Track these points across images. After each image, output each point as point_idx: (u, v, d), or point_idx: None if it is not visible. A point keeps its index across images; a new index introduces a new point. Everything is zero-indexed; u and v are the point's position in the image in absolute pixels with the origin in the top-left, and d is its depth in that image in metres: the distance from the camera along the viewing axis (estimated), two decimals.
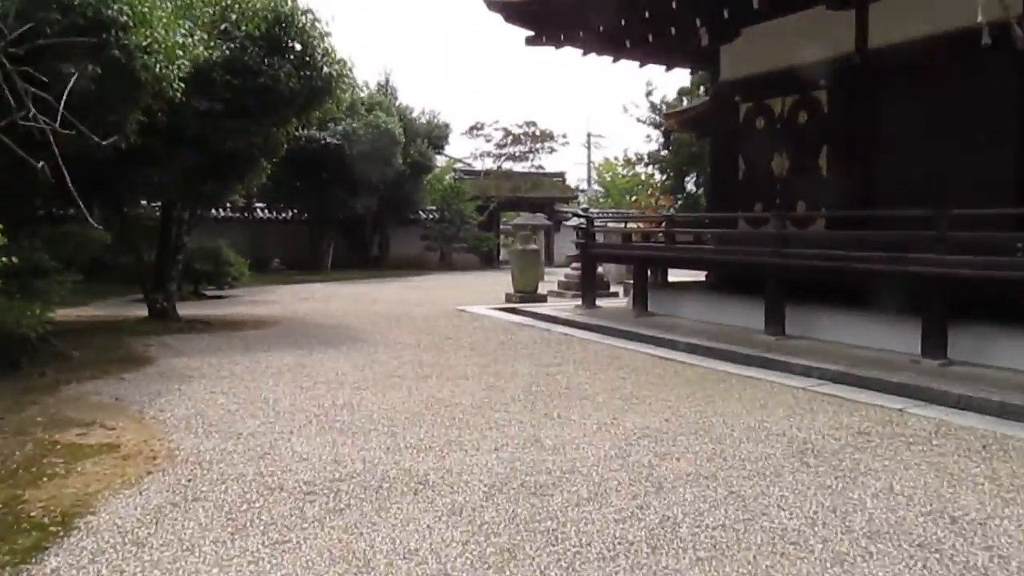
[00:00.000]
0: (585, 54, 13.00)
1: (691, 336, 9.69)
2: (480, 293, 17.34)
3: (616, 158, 44.33)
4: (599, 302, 13.25)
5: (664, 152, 33.27)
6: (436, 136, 26.52)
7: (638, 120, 33.43)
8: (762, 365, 8.18)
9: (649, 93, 32.87)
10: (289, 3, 10.25)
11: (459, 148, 40.01)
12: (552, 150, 29.37)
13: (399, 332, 10.76)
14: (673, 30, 10.99)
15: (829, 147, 10.32)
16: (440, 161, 28.63)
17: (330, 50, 10.59)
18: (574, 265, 16.85)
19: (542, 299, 14.87)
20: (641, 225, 14.07)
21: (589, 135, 50.86)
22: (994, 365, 7.39)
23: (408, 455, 4.86)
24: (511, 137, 28.46)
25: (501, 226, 31.54)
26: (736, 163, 11.77)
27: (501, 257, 31.64)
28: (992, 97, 8.42)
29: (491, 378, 7.46)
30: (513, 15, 12.26)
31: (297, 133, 20.52)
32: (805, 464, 4.65)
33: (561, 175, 32.39)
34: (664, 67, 13.92)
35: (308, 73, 10.25)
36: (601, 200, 41.68)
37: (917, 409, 6.16)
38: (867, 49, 9.68)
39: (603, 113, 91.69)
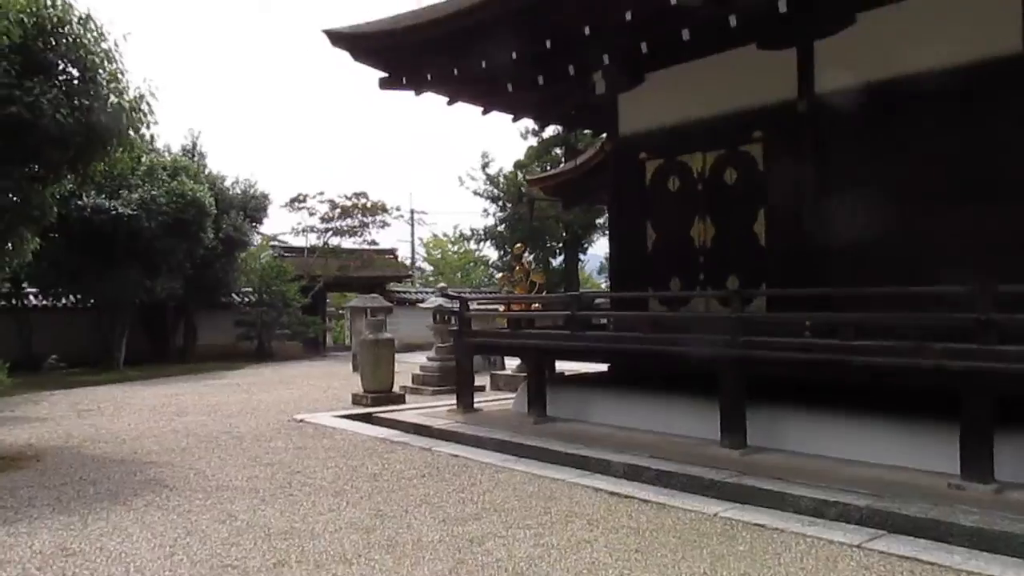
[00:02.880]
0: (451, 102, 10.79)
1: (624, 453, 7.37)
2: (315, 392, 14.30)
3: (445, 234, 42.58)
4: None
5: (501, 228, 31.79)
6: (253, 208, 23.25)
7: (475, 193, 31.90)
8: (749, 499, 5.96)
9: (486, 165, 31.48)
10: (58, 3, 7.24)
11: (279, 223, 36.61)
12: (384, 224, 26.86)
13: (222, 465, 7.66)
14: (571, 69, 8.99)
15: (768, 210, 8.56)
16: (257, 237, 25.29)
17: (120, 74, 7.62)
18: (430, 356, 14.27)
19: (399, 399, 12.12)
20: (536, 306, 11.74)
21: (412, 211, 48.93)
22: None
23: None
24: (339, 210, 25.66)
25: (328, 309, 28.44)
26: (643, 231, 9.81)
27: (327, 343, 28.45)
28: (998, 144, 6.92)
29: (386, 557, 4.71)
30: (364, 51, 9.89)
31: (81, 201, 16.83)
32: None
33: (393, 251, 29.83)
34: (539, 122, 11.99)
35: (86, 104, 7.22)
36: (431, 279, 39.48)
37: None
38: (814, 94, 8.06)
39: (425, 188, 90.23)
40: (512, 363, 16.61)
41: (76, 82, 7.21)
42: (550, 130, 32.03)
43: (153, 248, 18.20)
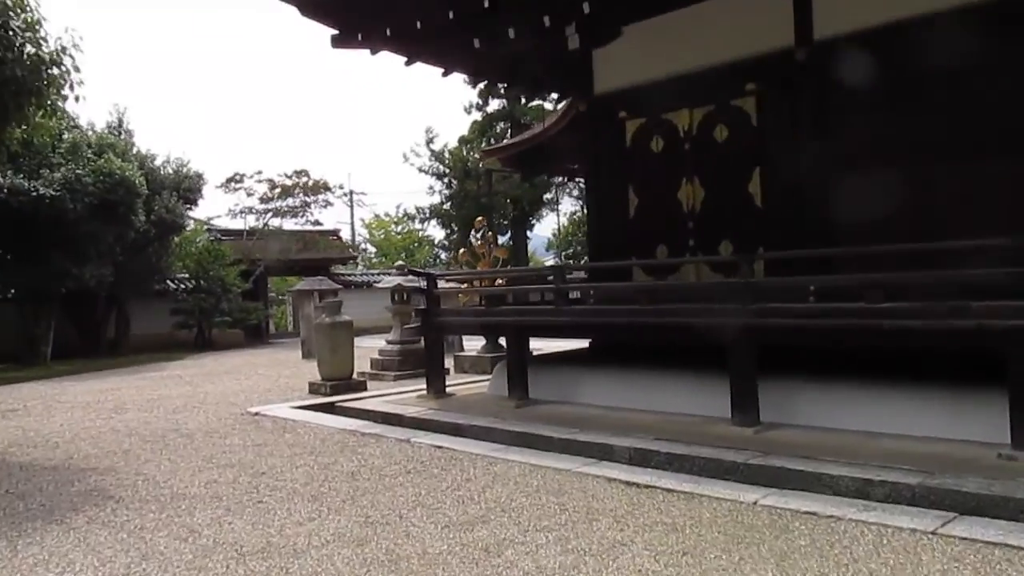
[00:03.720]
0: (410, 62, 9.89)
1: (625, 436, 6.71)
2: (266, 381, 13.32)
3: (388, 214, 41.39)
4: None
5: (447, 206, 30.88)
6: (187, 189, 21.87)
7: (420, 170, 30.90)
8: (780, 482, 5.36)
9: (430, 141, 30.47)
10: None
11: (215, 204, 34.94)
12: (328, 204, 25.67)
13: (174, 468, 6.75)
14: (547, 20, 8.23)
15: (763, 169, 7.96)
16: (191, 221, 23.87)
17: (37, 24, 6.56)
18: (389, 339, 13.41)
19: (360, 386, 11.26)
20: (500, 282, 10.96)
21: (351, 192, 47.55)
22: None
23: None
24: (278, 189, 24.38)
25: (268, 294, 27.20)
26: (624, 197, 9.14)
27: (270, 330, 27.26)
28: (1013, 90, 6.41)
29: None
30: (314, 4, 8.94)
31: None
32: None
33: (336, 232, 28.66)
34: (505, 85, 11.17)
35: None
36: (374, 260, 38.29)
37: None
38: (813, 41, 7.46)
39: (364, 168, 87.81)
40: (473, 344, 15.88)
41: None
42: (494, 104, 31.23)
43: (79, 232, 16.87)
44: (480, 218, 14.20)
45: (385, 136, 71.89)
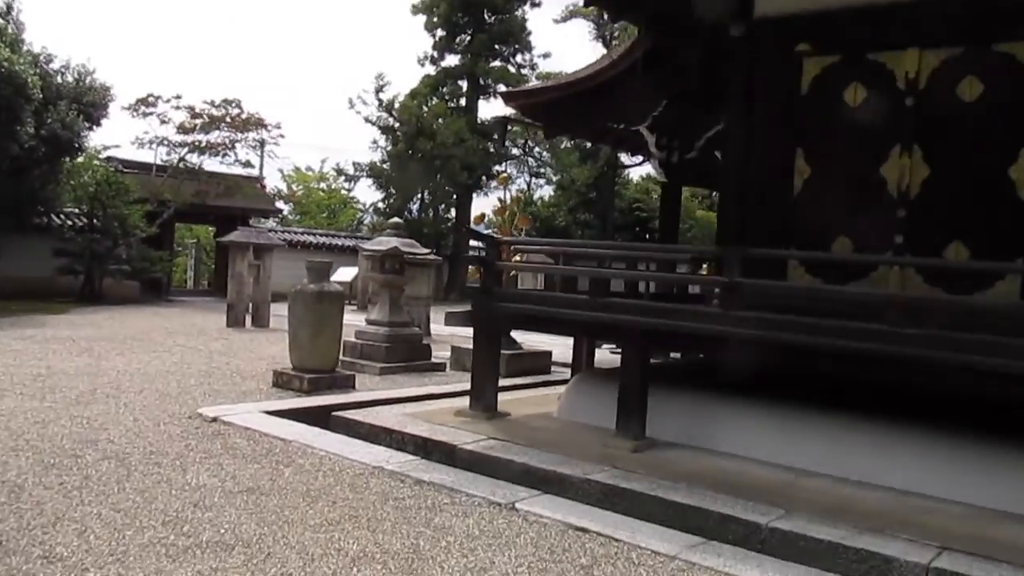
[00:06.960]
0: None
1: (892, 538, 4.14)
2: (196, 357, 10.02)
3: (309, 168, 37.31)
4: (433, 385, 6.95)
5: (386, 165, 27.65)
6: (89, 103, 17.73)
7: (366, 120, 27.44)
8: None
9: (380, 89, 26.96)
10: None
11: (120, 129, 30.03)
12: (260, 143, 21.94)
13: (115, 537, 3.67)
14: None
15: None
16: (93, 142, 19.66)
17: None
18: (372, 318, 10.30)
19: (348, 383, 8.17)
20: (517, 258, 7.79)
21: (263, 141, 43.12)
22: None
23: None
24: (201, 120, 20.42)
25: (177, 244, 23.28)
26: (788, 164, 6.48)
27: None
28: None
29: None
30: None
31: None
32: None
33: (260, 180, 24.87)
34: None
35: None
36: (292, 218, 34.26)
37: None
38: None
39: (294, 111, 79.26)
40: (442, 330, 13.02)
41: None
42: (452, 59, 28.18)
43: None
44: (504, 175, 11.26)
45: (322, 77, 65.92)
